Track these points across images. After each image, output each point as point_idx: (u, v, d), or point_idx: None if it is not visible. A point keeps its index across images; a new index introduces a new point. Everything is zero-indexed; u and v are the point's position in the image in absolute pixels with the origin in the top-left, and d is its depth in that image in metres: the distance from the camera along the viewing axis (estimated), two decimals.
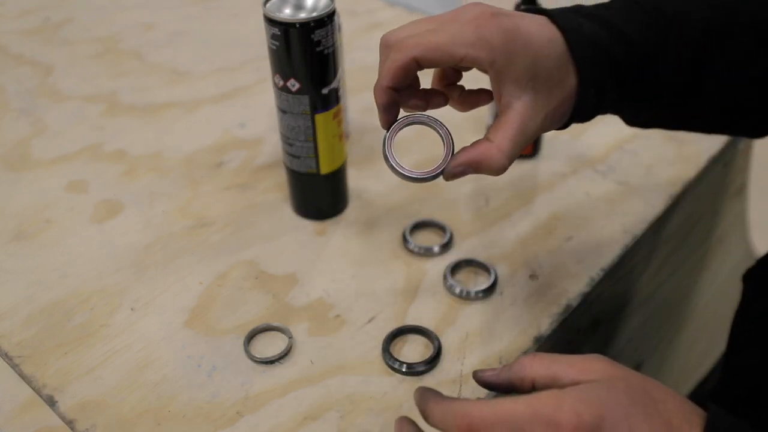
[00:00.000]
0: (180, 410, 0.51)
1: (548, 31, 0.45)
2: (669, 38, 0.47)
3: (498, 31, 0.43)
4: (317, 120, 0.60)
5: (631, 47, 0.47)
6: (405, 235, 0.64)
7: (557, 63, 0.45)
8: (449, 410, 0.39)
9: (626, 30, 0.47)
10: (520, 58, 0.43)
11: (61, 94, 0.87)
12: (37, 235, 0.66)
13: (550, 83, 0.45)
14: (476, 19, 0.43)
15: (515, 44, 0.43)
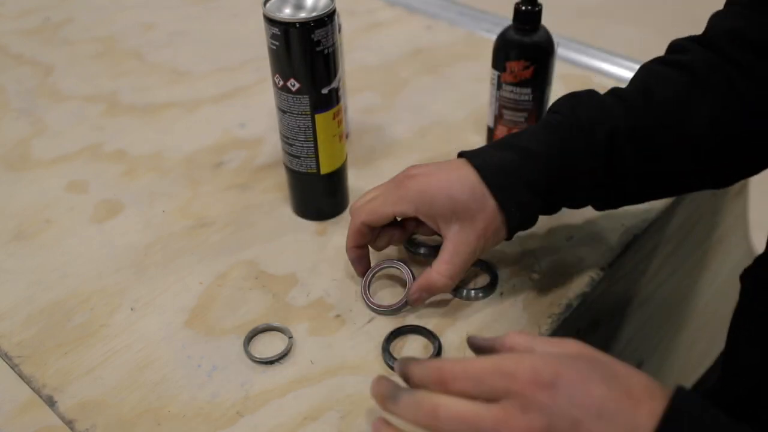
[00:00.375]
0: (180, 410, 0.51)
1: (462, 172, 0.55)
2: (577, 149, 0.55)
3: (414, 188, 0.56)
4: (317, 120, 0.60)
5: (540, 164, 0.55)
6: (410, 239, 0.64)
7: (471, 195, 0.54)
8: (426, 367, 0.43)
9: (536, 150, 0.55)
10: (438, 202, 0.55)
11: (61, 94, 0.87)
12: (37, 235, 0.66)
13: (470, 212, 0.55)
14: (400, 182, 0.57)
15: (429, 195, 0.55)
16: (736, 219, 0.94)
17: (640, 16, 2.67)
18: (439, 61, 0.92)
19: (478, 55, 0.93)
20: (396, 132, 0.79)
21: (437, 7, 1.06)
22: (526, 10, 0.67)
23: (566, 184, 0.56)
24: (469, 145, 0.76)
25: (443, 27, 1.00)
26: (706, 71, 0.56)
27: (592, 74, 0.88)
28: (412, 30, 1.00)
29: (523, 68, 0.68)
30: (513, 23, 0.68)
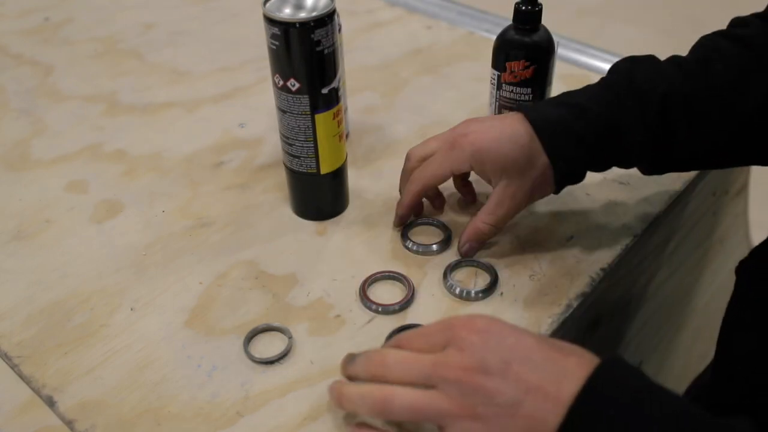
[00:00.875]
0: (180, 410, 0.51)
1: (515, 128, 0.58)
2: (629, 108, 0.57)
3: (468, 148, 0.59)
4: (317, 120, 0.60)
5: (591, 119, 0.57)
6: (404, 233, 0.64)
7: (521, 152, 0.57)
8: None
9: (587, 105, 0.58)
10: (488, 160, 0.58)
11: (61, 94, 0.87)
12: (37, 235, 0.66)
13: (519, 168, 0.58)
14: (454, 141, 0.60)
15: (482, 153, 0.58)
16: (736, 219, 0.94)
17: (640, 15, 2.68)
18: (439, 61, 0.92)
19: (478, 55, 0.93)
20: (396, 132, 0.79)
21: (437, 7, 1.06)
22: (526, 10, 0.67)
23: (615, 142, 0.58)
24: None
25: (443, 27, 1.00)
26: (764, 47, 0.58)
27: (592, 74, 0.88)
28: (412, 30, 1.00)
29: (523, 68, 0.68)
30: (513, 23, 0.68)
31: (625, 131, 0.58)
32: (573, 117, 0.58)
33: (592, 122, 0.57)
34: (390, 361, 0.46)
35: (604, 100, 0.58)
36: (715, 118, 0.58)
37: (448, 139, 0.61)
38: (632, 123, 0.57)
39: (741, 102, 0.57)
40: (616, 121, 0.57)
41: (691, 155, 0.60)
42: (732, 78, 0.58)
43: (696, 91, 0.58)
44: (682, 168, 0.63)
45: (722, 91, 0.58)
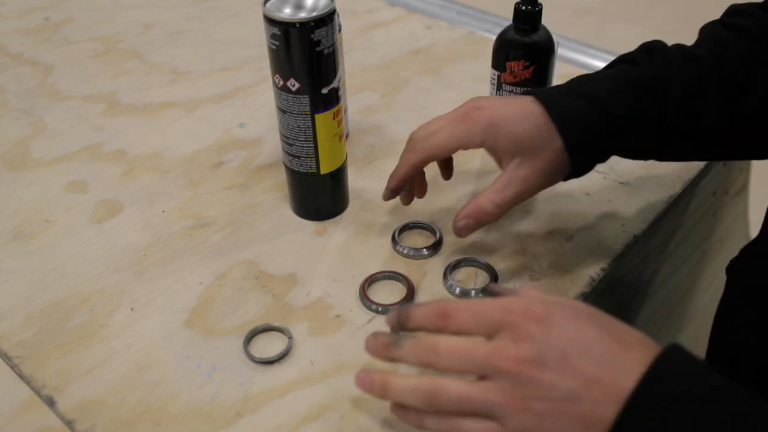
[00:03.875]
0: (180, 410, 0.51)
1: (531, 108, 0.56)
2: (649, 102, 0.56)
3: (482, 121, 0.56)
4: (317, 120, 0.60)
5: (613, 120, 0.56)
6: (394, 237, 0.64)
7: (537, 132, 0.55)
8: (428, 306, 0.46)
9: (605, 98, 0.56)
10: (503, 135, 0.55)
11: (60, 94, 0.87)
12: (36, 235, 0.66)
13: (534, 149, 0.55)
14: (466, 114, 0.57)
15: (497, 128, 0.55)
16: (736, 219, 0.94)
17: (640, 15, 2.68)
18: (439, 61, 0.92)
19: (478, 55, 0.93)
20: (396, 132, 0.79)
21: (437, 6, 1.06)
22: (526, 10, 0.67)
23: (634, 138, 0.57)
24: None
25: (443, 27, 1.00)
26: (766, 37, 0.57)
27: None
28: (412, 30, 1.00)
29: (523, 68, 0.68)
30: (513, 23, 0.68)
31: (645, 128, 0.57)
32: (595, 114, 0.56)
33: (615, 122, 0.56)
34: (441, 349, 0.44)
35: (624, 96, 0.56)
36: (726, 111, 0.57)
37: (459, 112, 0.57)
38: (652, 120, 0.57)
39: (751, 94, 0.57)
40: (637, 118, 0.56)
41: (699, 146, 0.60)
42: (741, 71, 0.57)
43: (710, 84, 0.57)
44: (689, 158, 0.63)
45: (733, 84, 0.57)
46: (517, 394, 0.41)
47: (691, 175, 0.72)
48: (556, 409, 0.41)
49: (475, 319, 0.44)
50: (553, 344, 0.41)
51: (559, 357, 0.41)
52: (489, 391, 0.42)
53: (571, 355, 0.41)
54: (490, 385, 0.42)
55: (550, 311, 0.43)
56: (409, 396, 0.45)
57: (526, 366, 0.41)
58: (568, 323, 0.42)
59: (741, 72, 0.57)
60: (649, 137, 0.58)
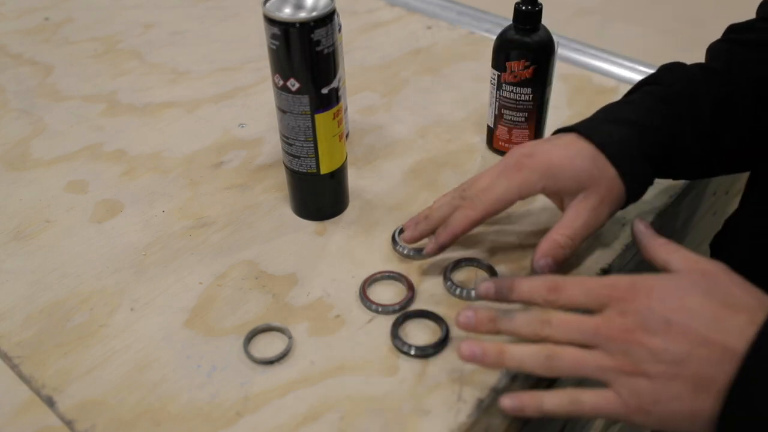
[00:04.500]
0: (180, 411, 0.51)
1: (579, 145, 0.57)
2: (683, 112, 0.59)
3: (539, 167, 0.57)
4: (317, 120, 0.60)
5: (656, 138, 0.58)
6: (394, 237, 0.64)
7: (594, 165, 0.56)
8: (536, 280, 0.50)
9: (648, 123, 0.58)
10: (561, 176, 0.56)
11: (60, 94, 0.87)
12: (36, 235, 0.66)
13: (594, 180, 0.56)
14: (519, 163, 0.57)
15: (554, 170, 0.56)
16: None
17: (640, 15, 2.67)
18: (439, 61, 0.92)
19: (478, 55, 0.93)
20: (396, 132, 0.79)
21: (437, 7, 1.06)
22: (526, 10, 0.67)
23: (677, 154, 0.60)
24: (469, 145, 0.77)
25: (443, 27, 1.00)
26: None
27: (592, 74, 0.88)
28: (412, 30, 1.00)
29: (524, 68, 0.68)
30: (513, 23, 0.68)
31: (685, 144, 0.59)
32: (637, 137, 0.58)
33: (658, 139, 0.59)
34: (554, 320, 0.48)
35: (659, 113, 0.59)
36: (750, 123, 0.60)
37: (509, 162, 0.58)
38: (690, 135, 0.59)
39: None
40: (676, 134, 0.59)
41: (730, 159, 0.62)
42: (758, 83, 0.60)
43: (733, 96, 0.60)
44: (720, 172, 0.65)
45: (753, 96, 0.60)
46: (628, 360, 0.44)
47: None
48: (666, 371, 0.43)
49: (584, 294, 0.48)
50: (658, 313, 0.44)
51: (664, 324, 0.44)
52: (601, 356, 0.45)
53: (675, 321, 0.44)
54: (602, 353, 0.45)
55: (651, 285, 0.46)
56: (529, 359, 0.48)
57: (633, 334, 0.44)
58: (673, 293, 0.45)
59: (757, 83, 0.60)
60: (692, 148, 0.60)
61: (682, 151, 0.59)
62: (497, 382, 0.52)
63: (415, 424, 0.49)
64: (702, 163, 0.62)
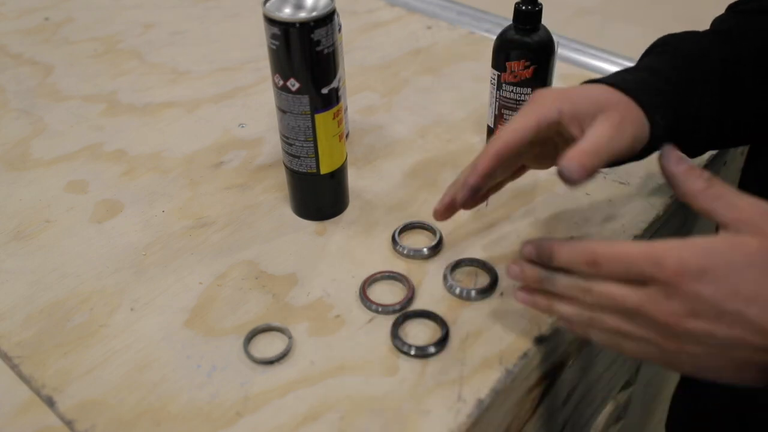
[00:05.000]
0: (179, 410, 0.51)
1: (592, 85, 0.55)
2: (696, 73, 0.59)
3: (553, 94, 0.54)
4: (317, 120, 0.60)
5: (668, 76, 0.57)
6: (394, 237, 0.64)
7: (610, 93, 0.54)
8: (576, 247, 0.46)
9: (660, 68, 0.58)
10: (578, 99, 0.53)
11: (60, 94, 0.87)
12: (36, 235, 0.66)
13: (613, 102, 0.53)
14: (533, 99, 0.55)
15: (570, 95, 0.53)
16: None
17: (640, 15, 2.67)
18: (439, 61, 0.92)
19: (478, 55, 0.93)
20: (396, 132, 0.79)
21: (437, 7, 1.06)
22: (526, 9, 0.67)
23: (691, 94, 0.58)
24: (469, 145, 0.77)
25: (443, 27, 1.00)
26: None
27: (592, 74, 0.88)
28: (412, 30, 1.00)
29: (524, 68, 0.68)
30: (513, 23, 0.68)
31: (695, 91, 0.58)
32: (649, 75, 0.57)
33: (674, 80, 0.57)
34: (595, 291, 0.46)
35: (671, 64, 0.58)
36: (758, 81, 0.59)
37: (525, 104, 0.55)
38: (700, 82, 0.58)
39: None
40: (688, 76, 0.58)
41: (756, 117, 0.61)
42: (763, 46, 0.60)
43: (741, 56, 0.59)
44: (747, 138, 0.63)
45: (758, 58, 0.59)
46: (672, 340, 0.43)
47: None
48: (712, 351, 0.42)
49: (625, 272, 0.44)
50: (707, 301, 0.41)
51: (716, 312, 0.41)
52: (643, 332, 0.44)
53: (728, 309, 0.41)
54: (643, 328, 0.44)
55: (702, 267, 0.42)
56: (574, 317, 0.48)
57: (680, 319, 0.42)
58: (726, 275, 0.41)
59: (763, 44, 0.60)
60: (710, 88, 0.58)
61: (698, 87, 0.58)
62: (497, 382, 0.52)
63: (415, 424, 0.49)
64: (713, 127, 0.60)
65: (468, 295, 0.59)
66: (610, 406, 0.87)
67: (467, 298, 0.59)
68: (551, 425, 0.68)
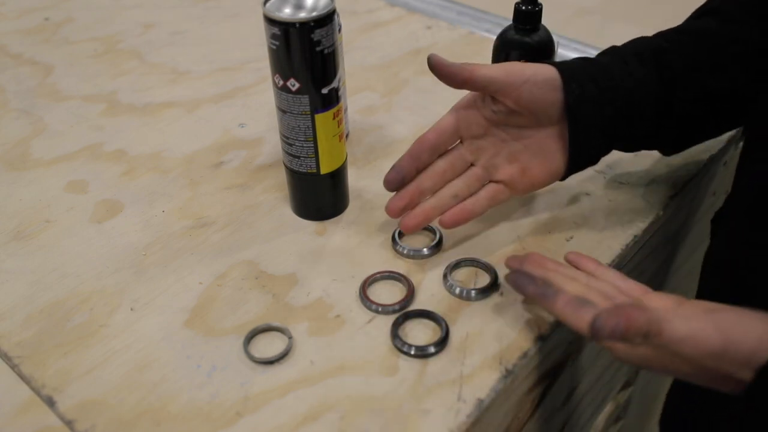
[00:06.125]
0: (180, 410, 0.51)
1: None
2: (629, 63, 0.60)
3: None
4: (317, 120, 0.60)
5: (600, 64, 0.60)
6: (394, 237, 0.64)
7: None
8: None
9: (592, 60, 0.60)
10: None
11: (60, 94, 0.87)
12: (36, 235, 0.66)
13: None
14: None
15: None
16: None
17: (640, 15, 2.67)
18: None
19: (478, 55, 0.93)
20: (396, 132, 0.79)
21: (437, 7, 1.06)
22: (526, 10, 0.67)
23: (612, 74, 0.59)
24: None
25: (443, 27, 1.00)
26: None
27: None
28: (412, 30, 1.00)
29: None
30: (513, 23, 0.68)
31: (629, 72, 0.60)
32: (581, 61, 0.60)
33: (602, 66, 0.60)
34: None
35: (606, 57, 0.61)
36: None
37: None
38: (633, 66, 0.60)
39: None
40: (618, 65, 0.60)
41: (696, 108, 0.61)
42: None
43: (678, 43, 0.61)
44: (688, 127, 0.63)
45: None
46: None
47: (691, 175, 0.72)
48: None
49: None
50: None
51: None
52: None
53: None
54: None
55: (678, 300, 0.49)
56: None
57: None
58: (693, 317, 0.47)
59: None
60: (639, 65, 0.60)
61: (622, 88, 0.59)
62: (497, 382, 0.52)
63: (415, 424, 0.49)
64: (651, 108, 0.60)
65: (468, 295, 0.59)
66: (610, 406, 0.87)
67: (467, 298, 0.59)
68: (551, 425, 0.68)
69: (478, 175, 0.62)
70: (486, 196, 0.62)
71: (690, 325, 0.45)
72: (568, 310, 0.49)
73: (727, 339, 0.44)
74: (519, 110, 0.59)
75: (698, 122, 0.62)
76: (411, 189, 0.61)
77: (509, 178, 0.61)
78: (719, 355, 0.44)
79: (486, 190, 0.62)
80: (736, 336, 0.44)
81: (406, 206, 0.61)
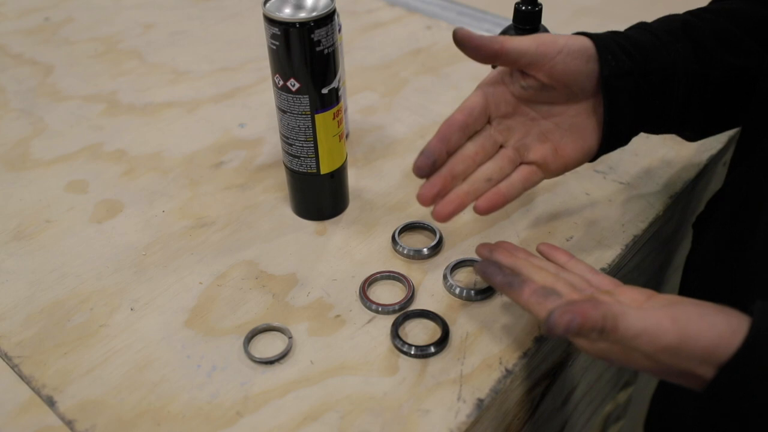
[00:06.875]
0: (180, 410, 0.51)
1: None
2: (661, 33, 0.60)
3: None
4: (317, 120, 0.60)
5: (633, 38, 0.59)
6: (394, 237, 0.64)
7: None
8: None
9: (626, 34, 0.59)
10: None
11: (60, 94, 0.87)
12: (36, 235, 0.66)
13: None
14: None
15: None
16: None
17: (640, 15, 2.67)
18: (439, 61, 0.92)
19: None
20: (396, 132, 0.79)
21: (437, 7, 1.06)
22: (526, 10, 0.67)
23: (653, 53, 0.58)
24: None
25: (443, 27, 1.00)
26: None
27: None
28: (412, 30, 1.00)
29: None
30: (513, 23, 0.68)
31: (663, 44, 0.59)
32: (611, 34, 0.59)
33: (634, 40, 0.59)
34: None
35: (637, 32, 0.60)
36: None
37: None
38: (666, 47, 0.59)
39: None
40: (651, 39, 0.59)
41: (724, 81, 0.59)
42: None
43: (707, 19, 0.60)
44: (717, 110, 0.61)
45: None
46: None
47: (690, 175, 0.72)
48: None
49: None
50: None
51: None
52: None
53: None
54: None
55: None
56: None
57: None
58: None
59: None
60: (679, 46, 0.58)
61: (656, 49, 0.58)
62: (497, 382, 0.52)
63: (415, 423, 0.49)
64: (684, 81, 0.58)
65: (468, 295, 0.59)
66: (610, 406, 0.87)
67: (467, 298, 0.59)
68: (551, 425, 0.68)
69: (510, 156, 0.57)
70: (519, 179, 0.57)
71: (646, 320, 0.43)
72: (533, 300, 0.48)
73: (684, 334, 0.43)
74: (552, 84, 0.55)
75: (729, 102, 0.60)
76: (443, 174, 0.55)
77: (542, 158, 0.57)
78: (675, 350, 0.43)
79: (518, 173, 0.58)
80: (693, 331, 0.43)
81: (439, 193, 0.55)
